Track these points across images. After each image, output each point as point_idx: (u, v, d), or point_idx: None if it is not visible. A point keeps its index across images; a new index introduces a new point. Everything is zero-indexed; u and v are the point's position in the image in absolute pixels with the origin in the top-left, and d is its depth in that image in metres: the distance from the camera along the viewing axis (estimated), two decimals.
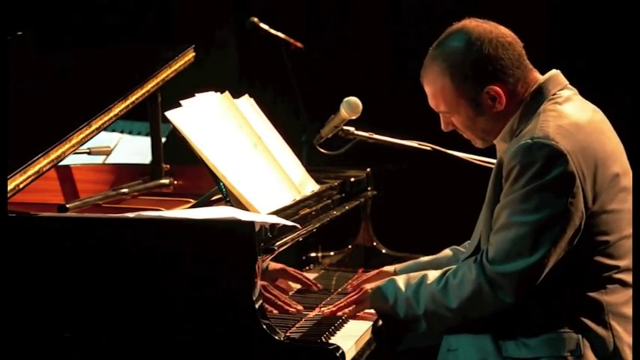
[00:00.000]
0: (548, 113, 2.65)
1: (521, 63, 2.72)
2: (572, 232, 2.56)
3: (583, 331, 2.60)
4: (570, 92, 2.75)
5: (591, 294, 2.61)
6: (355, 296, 2.89)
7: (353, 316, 2.90)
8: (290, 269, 3.02)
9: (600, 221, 2.61)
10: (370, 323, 2.88)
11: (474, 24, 2.74)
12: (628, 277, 2.66)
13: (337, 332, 2.77)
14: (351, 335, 2.77)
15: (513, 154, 2.58)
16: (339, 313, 2.89)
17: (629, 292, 2.66)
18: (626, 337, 2.62)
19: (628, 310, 2.64)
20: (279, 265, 2.96)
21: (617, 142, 2.76)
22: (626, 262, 2.66)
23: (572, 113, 2.67)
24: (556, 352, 2.59)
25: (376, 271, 3.08)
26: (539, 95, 2.71)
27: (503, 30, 2.74)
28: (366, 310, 2.92)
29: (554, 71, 2.78)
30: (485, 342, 2.66)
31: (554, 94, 2.71)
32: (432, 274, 2.75)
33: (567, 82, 2.77)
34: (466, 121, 2.76)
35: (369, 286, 2.87)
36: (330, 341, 2.68)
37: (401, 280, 2.78)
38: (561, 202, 2.54)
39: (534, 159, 2.55)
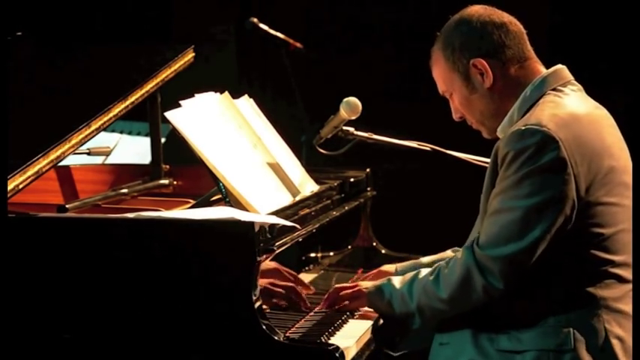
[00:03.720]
0: (547, 104, 2.67)
1: (516, 45, 2.75)
2: (562, 219, 2.57)
3: (575, 323, 2.60)
4: (574, 87, 2.76)
5: (586, 287, 2.61)
6: (350, 291, 2.89)
7: (352, 315, 2.91)
8: (284, 269, 3.02)
9: (595, 213, 2.61)
10: (370, 323, 2.88)
11: (475, 8, 2.81)
12: (625, 273, 2.65)
13: (337, 332, 2.77)
14: (351, 335, 2.77)
15: (507, 140, 2.61)
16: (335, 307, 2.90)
17: (626, 288, 2.65)
18: (618, 330, 2.61)
19: (623, 306, 2.64)
20: (272, 264, 2.96)
21: (619, 139, 2.76)
22: (623, 257, 2.65)
23: (570, 104, 2.68)
24: (547, 344, 2.59)
25: (376, 270, 3.09)
26: (540, 87, 2.72)
27: (503, 14, 2.79)
28: (367, 308, 2.92)
29: (559, 66, 2.79)
30: (478, 336, 2.66)
31: (555, 88, 2.72)
32: (426, 270, 2.77)
33: (572, 78, 2.78)
34: (463, 101, 2.79)
35: (363, 285, 2.88)
36: (330, 341, 2.68)
37: (397, 279, 2.80)
38: (552, 189, 2.56)
39: (526, 145, 2.56)
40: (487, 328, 2.66)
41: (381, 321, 2.90)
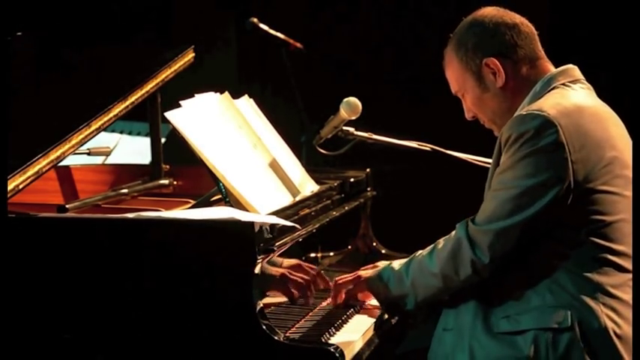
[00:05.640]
0: (553, 95, 2.73)
1: (527, 45, 2.80)
2: (556, 202, 2.61)
3: (573, 305, 2.62)
4: (583, 85, 2.81)
5: (584, 272, 2.65)
6: (350, 278, 2.95)
7: (357, 310, 2.94)
8: (305, 264, 3.04)
9: (595, 200, 2.65)
10: (372, 321, 2.89)
11: (487, 10, 2.85)
12: (624, 262, 2.68)
13: (337, 332, 2.78)
14: (357, 330, 2.80)
15: (509, 125, 2.67)
16: (338, 298, 2.96)
17: (625, 277, 2.68)
18: (615, 316, 2.64)
19: (621, 294, 2.66)
20: (294, 260, 2.98)
21: (623, 135, 2.79)
22: (622, 246, 2.68)
23: (575, 97, 2.74)
24: (545, 323, 2.62)
25: (371, 266, 3.10)
26: (549, 82, 2.77)
27: (515, 15, 2.84)
28: (370, 303, 2.97)
29: (570, 65, 2.83)
30: (478, 321, 2.69)
31: (564, 83, 2.77)
32: (424, 249, 2.82)
33: (582, 78, 2.82)
34: (476, 100, 2.84)
35: (363, 272, 2.94)
36: (332, 339, 2.69)
37: (397, 262, 2.87)
38: (549, 171, 2.61)
39: (527, 128, 2.63)
40: (487, 312, 2.69)
41: (386, 316, 2.91)
